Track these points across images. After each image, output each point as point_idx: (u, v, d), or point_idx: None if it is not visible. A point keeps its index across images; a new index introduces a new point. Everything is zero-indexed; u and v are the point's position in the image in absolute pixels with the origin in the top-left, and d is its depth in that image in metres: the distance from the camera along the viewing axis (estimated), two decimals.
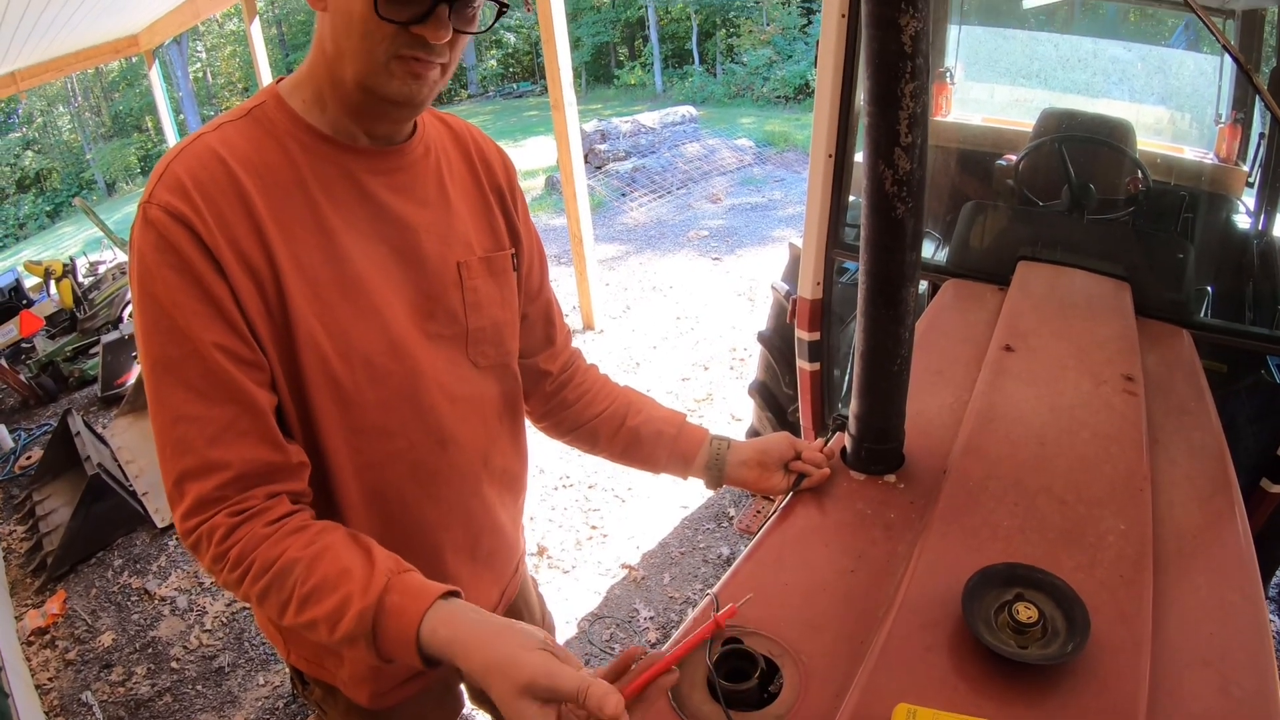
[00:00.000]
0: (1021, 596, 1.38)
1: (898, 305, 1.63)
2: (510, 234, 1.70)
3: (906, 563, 1.56)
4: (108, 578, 5.34)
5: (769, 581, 1.58)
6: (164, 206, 1.28)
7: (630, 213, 12.90)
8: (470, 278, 1.58)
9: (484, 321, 1.61)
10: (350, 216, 1.44)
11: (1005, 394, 2.08)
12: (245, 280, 1.33)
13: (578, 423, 1.90)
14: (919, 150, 1.50)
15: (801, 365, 3.74)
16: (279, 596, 1.29)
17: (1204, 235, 3.73)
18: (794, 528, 1.73)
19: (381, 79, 1.35)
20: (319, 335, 1.39)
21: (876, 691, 1.27)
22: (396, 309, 1.49)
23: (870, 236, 1.60)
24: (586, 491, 5.59)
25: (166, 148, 16.48)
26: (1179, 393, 2.29)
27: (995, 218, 3.42)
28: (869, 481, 1.81)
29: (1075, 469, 1.79)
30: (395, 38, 1.31)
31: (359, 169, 1.46)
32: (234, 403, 1.32)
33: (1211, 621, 1.48)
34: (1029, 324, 2.48)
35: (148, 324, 1.30)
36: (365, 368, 1.45)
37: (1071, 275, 2.90)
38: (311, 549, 1.31)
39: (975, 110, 5.16)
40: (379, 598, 1.26)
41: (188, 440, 1.30)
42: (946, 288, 3.00)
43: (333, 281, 1.41)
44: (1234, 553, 1.67)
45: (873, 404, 1.75)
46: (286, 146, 1.40)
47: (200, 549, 1.32)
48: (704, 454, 1.85)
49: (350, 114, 1.43)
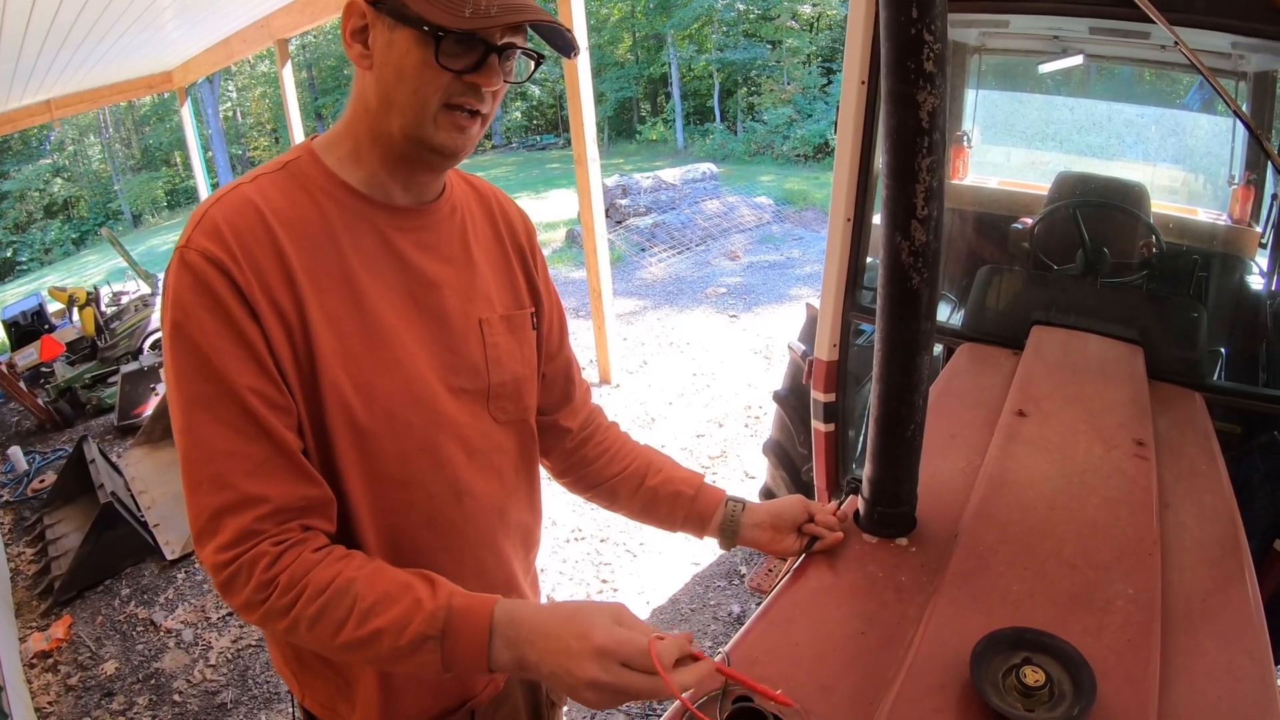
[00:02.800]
0: (1029, 660, 1.39)
1: (912, 373, 1.67)
2: (530, 293, 1.75)
3: (916, 626, 1.57)
4: (114, 606, 5.38)
5: (780, 641, 1.60)
6: (202, 252, 1.33)
7: (649, 268, 12.96)
8: (491, 334, 1.63)
9: (505, 377, 1.65)
10: (378, 271, 1.50)
11: (1017, 459, 2.10)
12: (277, 327, 1.38)
13: (598, 480, 1.92)
14: (935, 223, 1.55)
15: (817, 426, 3.75)
16: (336, 614, 1.31)
17: (1217, 297, 3.74)
18: (806, 589, 1.75)
19: (429, 129, 1.42)
20: (344, 385, 1.43)
21: None
22: (420, 362, 1.52)
23: (886, 306, 1.64)
24: (598, 545, 5.60)
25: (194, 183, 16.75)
26: (1190, 456, 2.30)
27: (1010, 282, 3.46)
28: (881, 544, 1.83)
29: (1085, 534, 1.80)
30: (448, 86, 1.40)
31: (388, 226, 1.52)
32: (269, 441, 1.36)
33: (1219, 685, 1.49)
34: (1042, 389, 2.50)
35: (182, 363, 1.34)
36: (387, 419, 1.48)
37: (1085, 340, 2.92)
38: (368, 568, 1.36)
39: (992, 173, 5.21)
40: (448, 600, 1.32)
41: (224, 475, 1.33)
42: (961, 351, 3.02)
43: (359, 333, 1.46)
44: (1243, 616, 1.68)
45: (886, 469, 1.78)
46: (320, 201, 1.46)
47: (239, 579, 1.33)
48: (719, 516, 1.87)
49: (388, 167, 1.51)
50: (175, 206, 35.55)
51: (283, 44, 10.41)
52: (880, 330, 1.66)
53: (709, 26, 29.61)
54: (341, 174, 1.50)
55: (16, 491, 7.08)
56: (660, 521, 1.93)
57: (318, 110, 36.32)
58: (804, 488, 4.31)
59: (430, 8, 1.33)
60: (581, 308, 9.92)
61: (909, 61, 1.45)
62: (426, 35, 1.34)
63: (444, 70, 1.37)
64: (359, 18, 1.41)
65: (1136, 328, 2.96)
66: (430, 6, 1.33)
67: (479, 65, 1.39)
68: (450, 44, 1.36)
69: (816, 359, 3.59)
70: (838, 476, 3.83)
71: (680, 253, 13.54)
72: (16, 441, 8.27)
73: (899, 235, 1.56)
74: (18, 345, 10.46)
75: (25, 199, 34.35)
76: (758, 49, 28.36)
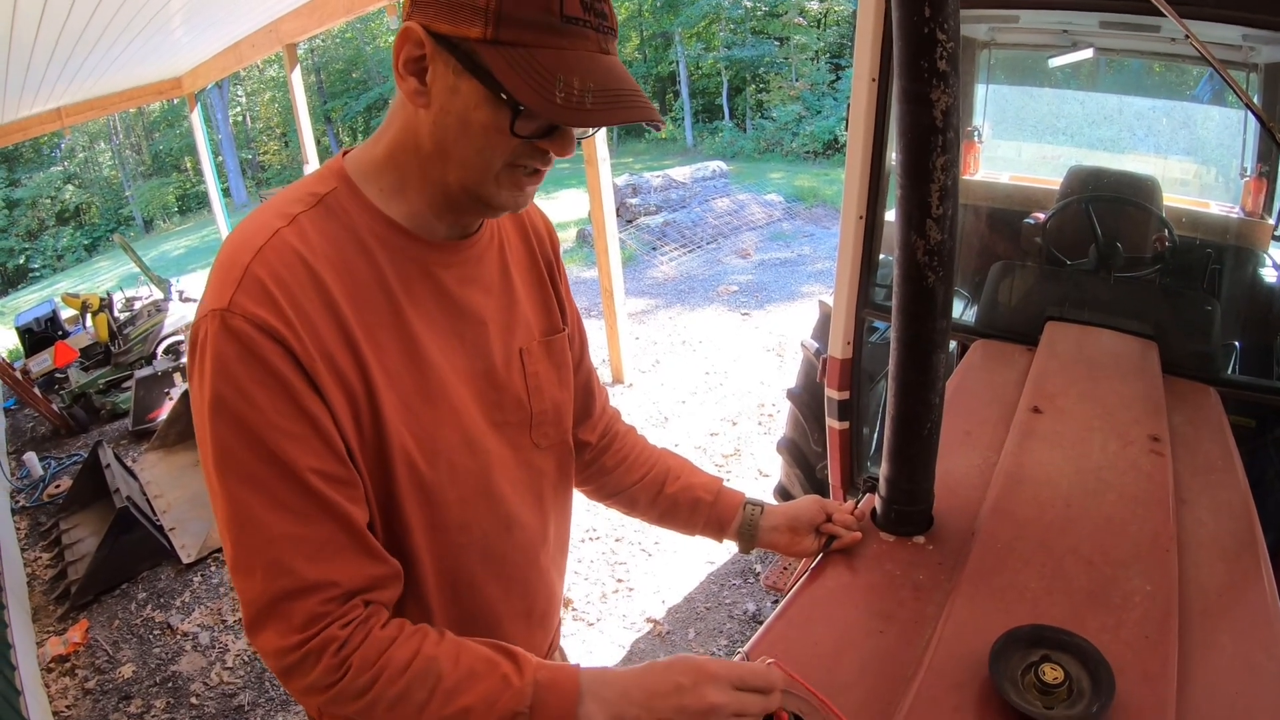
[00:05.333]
0: (1048, 658, 1.40)
1: (928, 371, 1.67)
2: (560, 309, 1.71)
3: (935, 624, 1.58)
4: (131, 610, 5.39)
5: (799, 641, 1.60)
6: (251, 319, 1.19)
7: (660, 267, 12.96)
8: (532, 363, 1.59)
9: (546, 404, 1.62)
10: (427, 314, 1.42)
11: (1033, 456, 2.10)
12: (339, 396, 1.28)
13: (617, 489, 1.92)
14: (949, 221, 1.55)
15: (831, 424, 3.75)
16: (419, 694, 1.26)
17: (1231, 290, 3.72)
18: (824, 588, 1.75)
19: (490, 189, 1.33)
20: (409, 445, 1.37)
21: None
22: (468, 403, 1.48)
23: (902, 304, 1.64)
24: (613, 545, 5.60)
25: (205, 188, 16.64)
26: (1205, 451, 2.29)
27: (1023, 278, 3.46)
28: (898, 543, 1.83)
29: (1101, 530, 1.80)
30: (517, 149, 1.29)
31: (434, 263, 1.43)
32: (333, 521, 1.27)
33: (1237, 682, 1.49)
34: (1056, 385, 2.50)
35: (229, 442, 1.22)
36: (448, 470, 1.44)
37: (1098, 335, 2.92)
38: (446, 644, 1.31)
39: (1003, 168, 5.20)
40: (534, 674, 1.28)
41: (284, 561, 1.23)
42: (975, 348, 3.02)
43: (416, 388, 1.39)
44: (1260, 612, 1.68)
45: (903, 468, 1.78)
46: (366, 243, 1.35)
47: (304, 665, 1.25)
48: (738, 520, 1.87)
49: (436, 209, 1.40)
50: (186, 212, 35.53)
51: (291, 48, 10.40)
52: (896, 329, 1.67)
53: (716, 24, 29.53)
54: (386, 209, 1.38)
55: (33, 497, 7.11)
56: (680, 526, 1.93)
57: (327, 114, 36.29)
58: (818, 485, 4.31)
59: (512, 74, 1.18)
60: (594, 307, 9.88)
61: (922, 60, 1.45)
62: (503, 101, 1.21)
63: (516, 137, 1.26)
64: (415, 47, 1.24)
65: (1150, 322, 2.96)
66: (512, 73, 1.18)
67: (553, 131, 1.29)
68: (529, 116, 1.23)
69: (830, 356, 3.58)
70: (852, 474, 3.82)
71: (691, 251, 13.54)
72: (32, 447, 8.30)
73: (914, 234, 1.56)
74: (32, 352, 10.47)
75: (37, 206, 34.40)
76: (765, 45, 28.24)
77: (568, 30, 1.19)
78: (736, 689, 1.29)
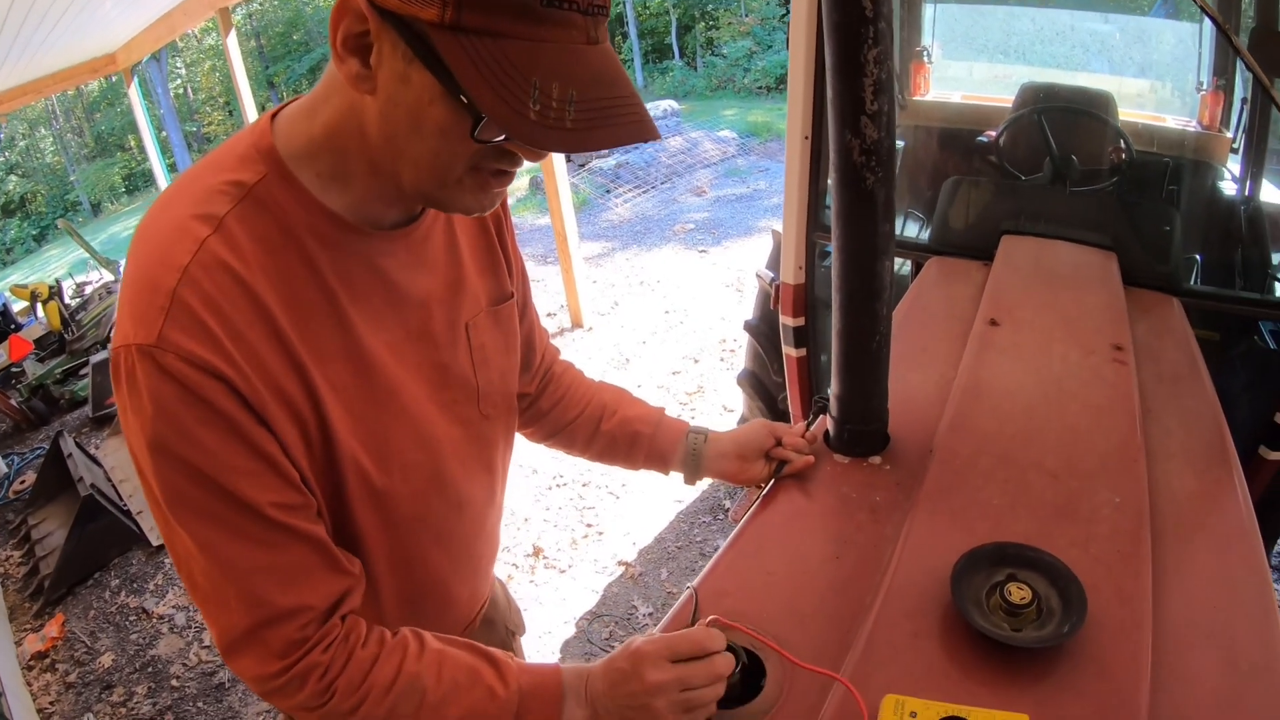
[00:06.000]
0: (1014, 577, 1.34)
1: (873, 280, 1.59)
2: (507, 264, 1.58)
3: (893, 547, 1.51)
4: (105, 598, 5.31)
5: (751, 572, 1.53)
6: (188, 358, 1.05)
7: (615, 209, 12.86)
8: (478, 335, 1.47)
9: (492, 374, 1.52)
10: (372, 310, 1.28)
11: (991, 368, 2.03)
12: (289, 425, 1.17)
13: (555, 429, 1.85)
14: (886, 118, 1.45)
15: (788, 351, 3.69)
16: (407, 709, 1.25)
17: (1190, 203, 3.68)
18: (776, 515, 1.68)
19: (451, 192, 1.14)
20: (360, 456, 1.28)
21: (864, 682, 1.22)
22: (416, 394, 1.37)
23: (841, 210, 1.55)
24: (580, 490, 5.54)
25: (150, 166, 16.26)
26: (1170, 360, 2.25)
27: (977, 192, 3.37)
28: (853, 464, 1.76)
29: (1066, 442, 1.74)
30: (480, 153, 1.09)
31: (377, 253, 1.27)
32: (299, 544, 1.20)
33: (1214, 594, 1.44)
34: (1014, 297, 2.44)
35: (178, 484, 1.11)
36: (400, 470, 1.35)
37: (1056, 247, 2.86)
38: (427, 656, 1.28)
39: (954, 88, 5.10)
40: (517, 682, 1.28)
41: (258, 592, 1.17)
42: (930, 265, 2.96)
43: (363, 394, 1.28)
44: (1235, 522, 1.63)
45: (853, 384, 1.70)
46: (303, 242, 1.18)
47: (292, 688, 1.21)
48: (681, 450, 1.80)
49: (385, 199, 1.23)
50: (134, 191, 34.66)
51: (225, 13, 10.05)
52: (837, 237, 1.58)
53: None
54: (324, 198, 1.19)
55: None
56: (621, 462, 1.86)
57: (269, 79, 35.47)
58: (781, 416, 4.26)
59: (475, 75, 0.97)
60: (549, 254, 9.81)
61: None
62: (463, 105, 1.00)
63: (478, 142, 1.06)
64: (356, 21, 1.02)
65: (1109, 234, 2.90)
66: (475, 72, 0.96)
67: None
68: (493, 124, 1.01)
69: (783, 283, 3.51)
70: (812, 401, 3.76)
71: (645, 192, 13.43)
72: None
73: (849, 133, 1.47)
74: None
75: None
76: None
77: (549, 16, 0.96)
78: (674, 661, 1.24)
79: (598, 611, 4.44)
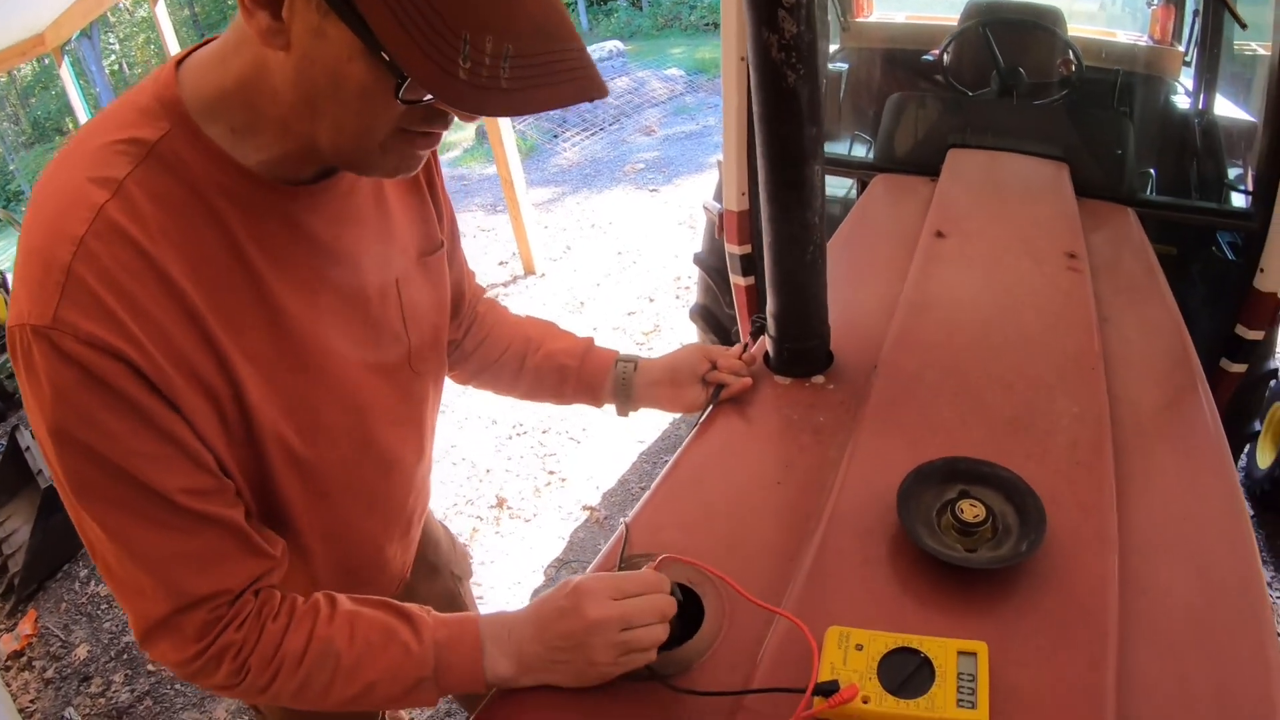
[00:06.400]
0: (966, 494, 1.26)
1: (802, 186, 1.48)
2: (436, 210, 1.47)
3: (837, 468, 1.42)
4: (75, 590, 5.23)
5: (687, 503, 1.46)
6: (87, 339, 0.95)
7: (564, 154, 12.73)
8: (408, 291, 1.37)
9: (424, 330, 1.43)
10: (292, 271, 1.16)
11: (939, 280, 1.95)
12: (201, 404, 1.08)
13: (479, 368, 1.76)
14: (805, 10, 1.34)
15: (736, 280, 3.63)
16: (321, 677, 1.19)
17: (1143, 118, 3.66)
18: (714, 443, 1.60)
19: (374, 157, 1.04)
20: (283, 428, 1.19)
21: (807, 615, 1.13)
22: (344, 356, 1.27)
23: (763, 113, 1.44)
24: (541, 437, 5.47)
25: None
26: (1128, 269, 2.18)
27: (922, 108, 3.29)
28: (795, 385, 1.67)
29: (1019, 352, 1.67)
30: (405, 115, 0.98)
31: (297, 210, 1.14)
32: (213, 529, 1.13)
33: (1182, 505, 1.37)
34: (962, 208, 2.36)
35: (84, 471, 1.03)
36: (327, 438, 1.27)
37: (1005, 159, 2.79)
38: (338, 620, 1.21)
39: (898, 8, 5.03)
40: (432, 637, 1.22)
41: (172, 579, 1.11)
42: (875, 183, 2.88)
43: (285, 361, 1.17)
44: (1201, 430, 1.56)
45: (789, 299, 1.61)
46: (213, 204, 1.05)
47: (209, 669, 1.16)
48: (610, 380, 1.72)
49: (304, 156, 1.09)
50: None
51: None
52: (760, 142, 1.47)
53: None
54: (236, 154, 1.05)
55: None
56: (550, 398, 1.78)
57: None
58: None
59: (396, 29, 0.85)
60: (498, 203, 9.67)
61: None
62: (385, 63, 0.89)
63: (403, 103, 0.94)
64: None
65: (1060, 144, 2.83)
66: (396, 26, 0.85)
67: None
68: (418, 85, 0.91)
69: (726, 210, 3.44)
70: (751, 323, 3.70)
71: (594, 134, 13.29)
72: None
73: (765, 30, 1.35)
74: None
75: None
76: None
77: None
78: (617, 599, 1.16)
79: (565, 558, 4.41)
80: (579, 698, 1.17)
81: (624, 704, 1.15)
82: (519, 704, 1.19)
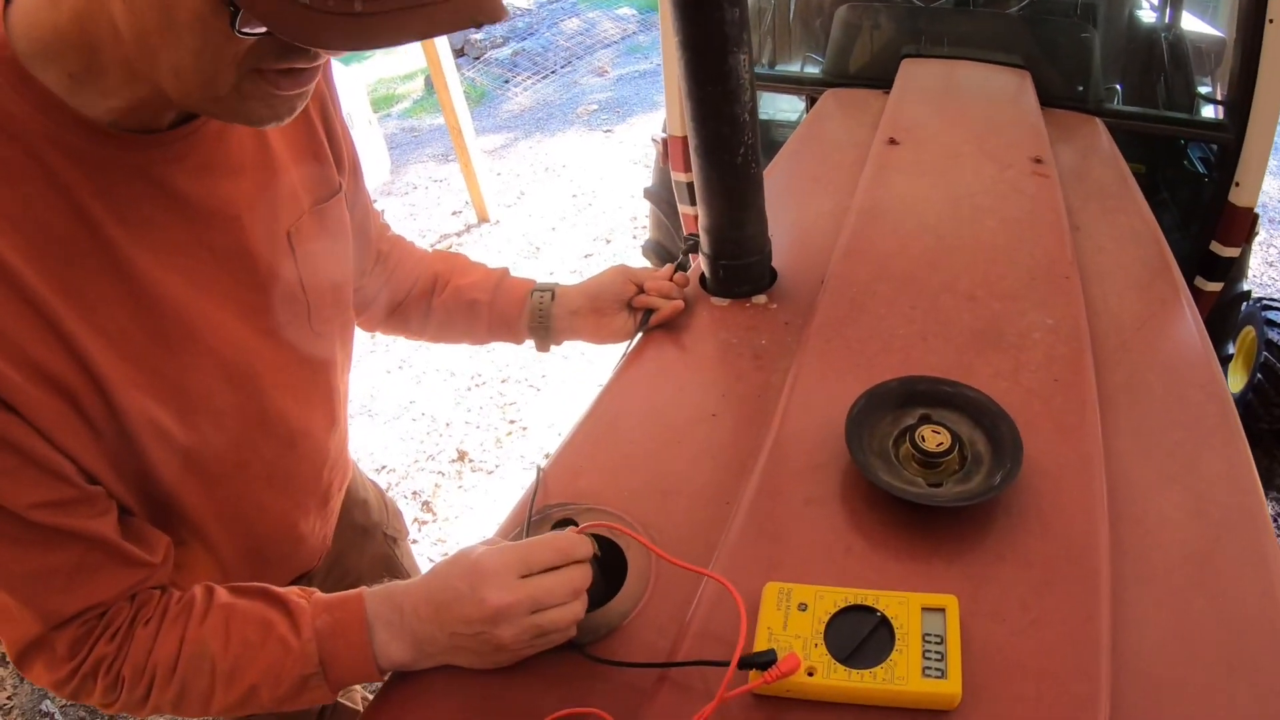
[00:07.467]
0: (927, 419, 1.11)
1: (726, 79, 1.30)
2: (332, 146, 1.28)
3: (779, 395, 1.25)
4: None
5: (610, 444, 1.30)
6: None
7: (515, 99, 12.62)
8: (302, 242, 1.20)
9: (323, 285, 1.26)
10: (153, 235, 0.99)
11: (892, 188, 1.79)
12: (52, 404, 0.93)
13: (385, 313, 1.61)
14: None
15: (684, 211, 3.51)
16: (199, 685, 1.07)
17: (1108, 30, 3.48)
18: (643, 374, 1.43)
19: (231, 104, 0.86)
20: (155, 414, 1.03)
21: (741, 569, 0.97)
22: (227, 325, 1.11)
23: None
24: (500, 386, 5.41)
25: None
26: (1098, 178, 2.04)
27: (874, 18, 3.13)
28: (734, 306, 1.52)
29: (983, 260, 1.51)
30: (253, 50, 0.81)
31: (153, 162, 0.97)
32: (78, 543, 1.00)
33: (1174, 427, 1.23)
34: (917, 116, 2.20)
35: None
36: (209, 418, 1.12)
37: (962, 67, 2.65)
38: (211, 618, 1.09)
39: None
40: (312, 627, 1.08)
41: (35, 600, 1.00)
42: (824, 98, 2.73)
43: (151, 339, 1.01)
44: (1187, 342, 1.43)
45: (721, 209, 1.45)
46: (49, 164, 0.89)
47: (86, 688, 1.06)
48: (525, 312, 1.57)
49: (161, 106, 0.93)
50: None
51: None
52: (679, 30, 1.30)
53: None
54: (75, 101, 0.88)
55: None
56: (465, 337, 1.64)
57: None
58: None
59: None
60: (450, 152, 9.53)
61: None
62: None
63: (241, 35, 0.78)
64: None
65: (1021, 52, 2.69)
66: None
67: None
68: None
69: (670, 136, 3.31)
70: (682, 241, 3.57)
71: (545, 78, 13.18)
72: None
73: None
74: None
75: None
76: None
77: None
78: (524, 576, 1.02)
79: None
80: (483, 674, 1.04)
81: (533, 675, 1.02)
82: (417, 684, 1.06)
